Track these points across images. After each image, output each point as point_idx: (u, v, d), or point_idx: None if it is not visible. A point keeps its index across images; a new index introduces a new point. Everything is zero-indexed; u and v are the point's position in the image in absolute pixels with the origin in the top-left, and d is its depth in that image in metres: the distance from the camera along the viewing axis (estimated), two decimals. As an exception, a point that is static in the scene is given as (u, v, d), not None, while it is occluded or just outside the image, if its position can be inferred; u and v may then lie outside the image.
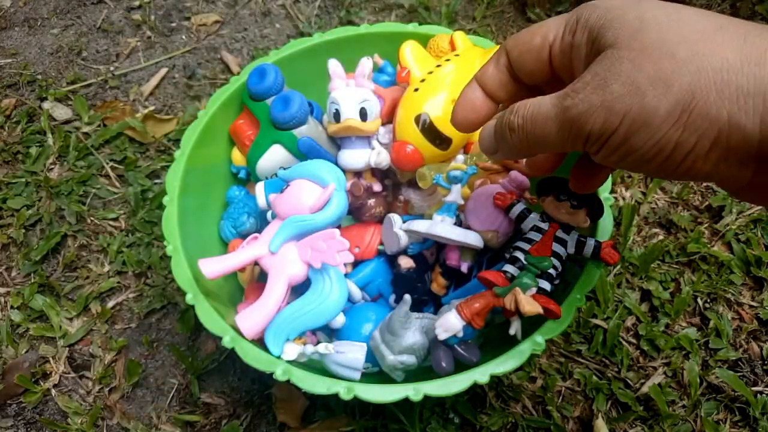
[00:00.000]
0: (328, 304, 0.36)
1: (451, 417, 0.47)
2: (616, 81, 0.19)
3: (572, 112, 0.21)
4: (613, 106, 0.19)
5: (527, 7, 0.76)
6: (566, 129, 0.21)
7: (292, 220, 0.36)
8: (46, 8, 0.82)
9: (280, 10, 0.80)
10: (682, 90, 0.18)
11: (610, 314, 0.52)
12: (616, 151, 0.20)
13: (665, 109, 0.19)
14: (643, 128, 0.19)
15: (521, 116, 0.23)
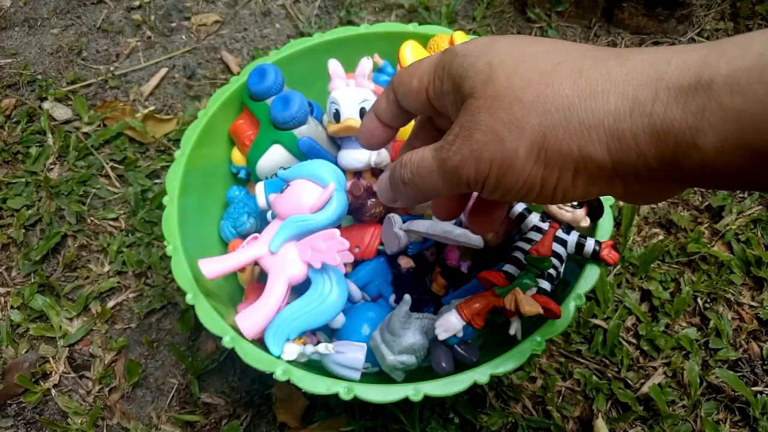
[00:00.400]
0: (328, 304, 0.36)
1: (451, 417, 0.47)
2: (478, 131, 0.21)
3: (448, 164, 0.23)
4: (481, 154, 0.21)
5: (527, 7, 0.76)
6: (448, 178, 0.23)
7: (292, 220, 0.36)
8: (46, 8, 0.82)
9: (280, 10, 0.80)
10: (534, 132, 0.20)
11: (610, 314, 0.52)
12: (495, 191, 0.22)
13: (524, 150, 0.21)
14: (510, 170, 0.21)
15: (409, 170, 0.25)
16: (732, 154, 0.17)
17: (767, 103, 0.16)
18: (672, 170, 0.19)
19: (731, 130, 0.17)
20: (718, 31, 0.73)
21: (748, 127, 0.17)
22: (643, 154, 0.19)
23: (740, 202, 0.58)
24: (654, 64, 0.19)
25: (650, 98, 0.18)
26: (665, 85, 0.18)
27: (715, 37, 0.73)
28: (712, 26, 0.74)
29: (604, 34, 0.74)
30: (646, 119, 0.19)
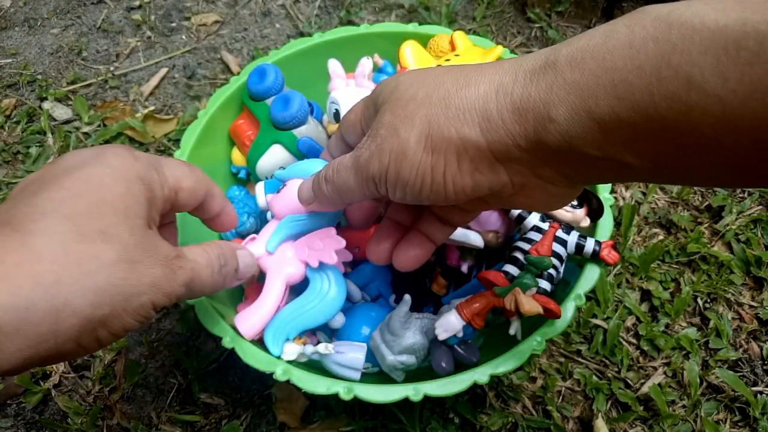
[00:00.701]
0: (326, 302, 0.36)
1: (451, 417, 0.47)
2: (382, 127, 0.24)
3: (360, 161, 0.25)
4: (382, 147, 0.24)
5: (527, 7, 0.76)
6: (360, 176, 0.26)
7: (288, 219, 0.36)
8: (46, 8, 0.82)
9: (280, 10, 0.80)
10: (422, 121, 0.23)
11: (610, 314, 0.52)
12: (396, 187, 0.24)
13: (414, 139, 0.23)
14: (404, 160, 0.23)
15: (331, 169, 0.28)
16: (581, 124, 0.20)
17: (598, 75, 0.19)
18: (539, 149, 0.21)
19: (575, 100, 0.20)
20: (718, 31, 0.73)
21: (587, 95, 0.19)
22: (510, 132, 0.21)
23: (740, 202, 0.58)
24: (518, 59, 0.23)
25: (511, 81, 0.22)
26: (523, 69, 0.22)
27: (715, 37, 0.73)
28: (712, 26, 0.74)
29: (604, 34, 0.74)
30: (508, 98, 0.21)
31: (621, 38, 0.19)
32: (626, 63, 0.18)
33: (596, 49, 0.19)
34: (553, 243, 0.38)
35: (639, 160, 0.20)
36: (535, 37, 0.75)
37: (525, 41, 0.74)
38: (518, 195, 0.25)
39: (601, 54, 0.19)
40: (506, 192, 0.24)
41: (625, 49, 0.18)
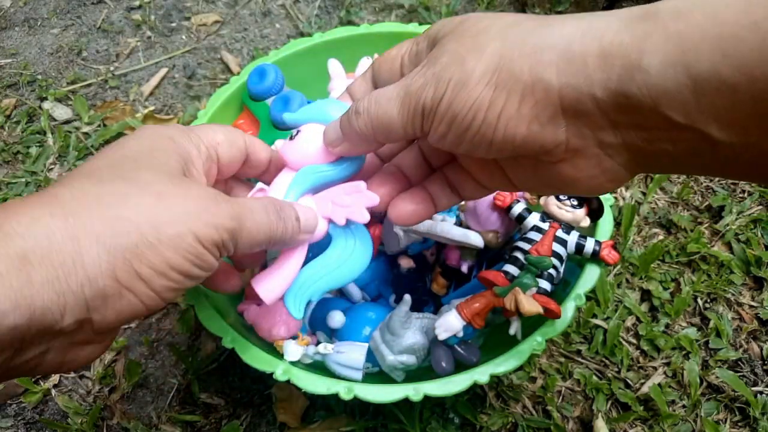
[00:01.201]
0: (353, 260, 0.32)
1: (451, 417, 0.47)
2: (444, 55, 0.22)
3: (411, 88, 0.23)
4: (441, 75, 0.22)
5: (527, 6, 0.76)
6: (406, 105, 0.23)
7: (307, 171, 0.31)
8: (46, 8, 0.82)
9: (280, 10, 0.80)
10: (493, 53, 0.21)
11: (610, 314, 0.52)
12: (443, 120, 0.22)
13: (480, 70, 0.21)
14: (463, 90, 0.21)
15: (367, 100, 0.25)
16: (675, 79, 0.18)
17: (705, 28, 0.17)
18: (616, 104, 0.20)
19: (673, 50, 0.18)
20: (718, 31, 0.73)
21: (688, 48, 0.18)
22: (590, 78, 0.20)
23: (740, 202, 0.58)
24: (611, 11, 0.21)
25: (603, 25, 0.20)
26: (617, 16, 0.20)
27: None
28: (712, 26, 0.74)
29: (604, 34, 0.74)
30: (596, 41, 0.20)
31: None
32: (740, 18, 0.17)
33: (706, 2, 0.18)
34: (553, 243, 0.38)
35: (727, 135, 0.18)
36: (535, 37, 0.75)
37: (525, 41, 0.74)
38: (565, 163, 0.22)
39: (711, 6, 0.17)
40: (555, 155, 0.22)
41: (741, 3, 0.17)
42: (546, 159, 0.23)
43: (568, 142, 0.21)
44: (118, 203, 0.22)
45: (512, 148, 0.22)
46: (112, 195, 0.22)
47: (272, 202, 0.27)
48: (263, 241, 0.26)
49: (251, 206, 0.25)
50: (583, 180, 0.23)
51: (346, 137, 0.27)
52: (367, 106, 0.25)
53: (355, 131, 0.26)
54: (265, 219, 0.25)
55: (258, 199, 0.26)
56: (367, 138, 0.26)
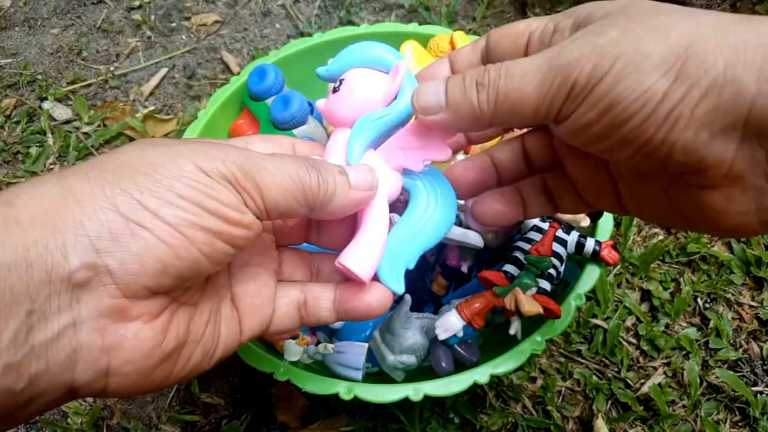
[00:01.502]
0: (440, 214, 0.27)
1: (451, 417, 0.47)
2: (611, 29, 0.18)
3: (560, 59, 0.19)
4: (607, 50, 0.18)
5: (527, 7, 0.76)
6: (549, 81, 0.19)
7: (366, 120, 0.26)
8: (46, 8, 0.82)
9: (280, 10, 0.80)
10: (680, 37, 0.18)
11: (610, 314, 0.52)
12: (597, 104, 0.18)
13: (660, 54, 0.17)
14: (634, 73, 0.18)
15: (494, 71, 0.20)
16: None
17: None
18: None
19: None
20: (718, 31, 0.73)
21: None
22: None
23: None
24: None
25: None
26: None
27: (715, 37, 0.73)
28: (712, 26, 0.74)
29: (604, 34, 0.74)
30: None
31: None
32: None
33: None
34: (553, 243, 0.38)
35: None
36: (535, 37, 0.75)
37: (525, 41, 0.74)
38: (716, 191, 0.19)
39: None
40: (709, 178, 0.18)
41: None
42: (694, 181, 0.19)
43: (732, 163, 0.18)
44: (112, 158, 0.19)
45: (663, 158, 0.18)
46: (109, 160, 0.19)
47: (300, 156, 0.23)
48: (298, 196, 0.21)
49: (271, 155, 0.22)
50: (732, 215, 0.19)
51: (451, 107, 0.21)
52: (494, 79, 0.20)
53: (469, 104, 0.21)
54: (292, 167, 0.21)
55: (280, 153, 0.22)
56: (481, 116, 0.21)
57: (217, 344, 0.23)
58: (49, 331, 0.17)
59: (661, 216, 0.22)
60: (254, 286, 0.24)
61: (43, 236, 0.17)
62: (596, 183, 0.24)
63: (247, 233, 0.20)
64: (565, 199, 0.26)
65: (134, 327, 0.19)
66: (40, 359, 0.17)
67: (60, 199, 0.17)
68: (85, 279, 0.17)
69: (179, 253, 0.18)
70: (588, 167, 0.24)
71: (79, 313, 0.17)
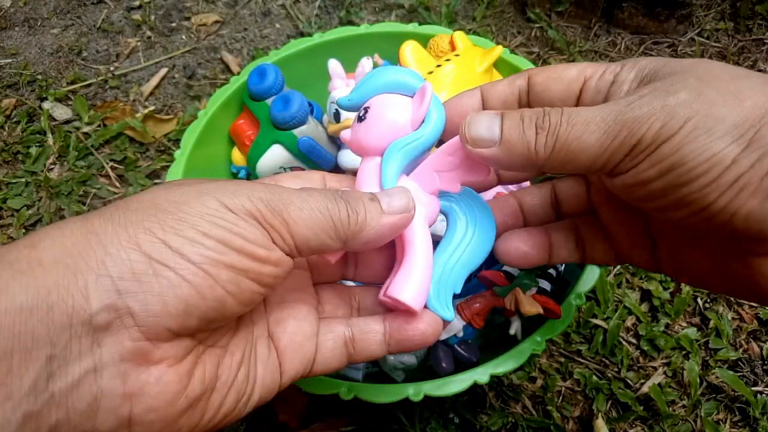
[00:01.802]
0: (481, 235, 0.27)
1: (451, 417, 0.47)
2: (684, 89, 0.18)
3: (627, 114, 0.18)
4: (678, 111, 0.18)
5: (527, 7, 0.76)
6: (612, 134, 0.19)
7: (397, 146, 0.26)
8: (46, 8, 0.82)
9: (280, 10, 0.80)
10: (755, 106, 0.18)
11: (610, 314, 0.52)
12: (660, 163, 0.18)
13: (733, 120, 0.17)
14: (703, 136, 0.17)
15: (555, 117, 0.20)
16: None
17: None
18: None
19: None
20: (718, 31, 0.73)
21: None
22: None
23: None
24: None
25: None
26: None
27: (715, 37, 0.73)
28: (712, 26, 0.74)
29: (604, 34, 0.74)
30: None
31: None
32: None
33: None
34: (553, 243, 0.38)
35: None
36: (535, 37, 0.75)
37: (525, 41, 0.74)
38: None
39: None
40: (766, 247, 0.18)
41: None
42: (749, 248, 0.19)
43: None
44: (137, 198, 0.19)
45: (722, 223, 0.18)
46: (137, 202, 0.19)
47: (329, 189, 0.23)
48: (328, 230, 0.21)
49: (299, 190, 0.21)
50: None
51: (505, 144, 0.21)
52: (555, 124, 0.20)
53: (525, 145, 0.20)
54: (320, 200, 0.21)
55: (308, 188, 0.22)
56: (535, 159, 0.20)
57: (254, 388, 0.21)
58: (70, 377, 0.16)
59: (702, 279, 0.22)
60: (294, 322, 0.23)
61: (64, 278, 0.16)
62: (633, 236, 0.24)
63: (275, 270, 0.20)
64: (595, 249, 0.25)
65: (157, 371, 0.18)
66: (60, 408, 0.16)
67: (83, 240, 0.17)
68: (107, 322, 0.17)
69: (203, 293, 0.18)
70: (625, 220, 0.24)
71: (101, 357, 0.17)
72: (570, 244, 0.25)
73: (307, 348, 0.23)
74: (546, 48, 0.73)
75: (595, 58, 0.72)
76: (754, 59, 0.70)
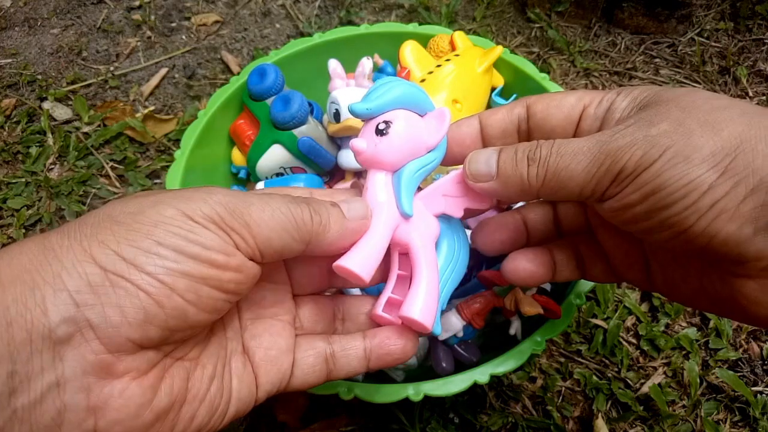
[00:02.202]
0: (461, 257, 0.28)
1: (451, 417, 0.47)
2: (665, 120, 0.20)
3: (611, 145, 0.20)
4: (658, 140, 0.19)
5: (527, 7, 0.76)
6: (598, 163, 0.20)
7: (416, 167, 0.26)
8: (46, 8, 0.82)
9: (280, 10, 0.80)
10: (731, 136, 0.18)
11: (610, 314, 0.52)
12: (642, 188, 0.19)
13: (710, 149, 0.18)
14: (682, 164, 0.18)
15: (546, 149, 0.21)
16: None
17: None
18: None
19: None
20: (718, 31, 0.73)
21: None
22: None
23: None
24: None
25: None
26: None
27: (715, 37, 0.73)
28: (712, 26, 0.74)
29: (604, 34, 0.74)
30: None
31: None
32: None
33: None
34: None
35: None
36: (535, 37, 0.75)
37: (525, 41, 0.74)
38: (752, 281, 0.19)
39: None
40: (747, 268, 0.19)
41: None
42: (730, 269, 0.20)
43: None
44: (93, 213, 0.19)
45: (702, 246, 0.19)
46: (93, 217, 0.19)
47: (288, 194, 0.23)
48: (291, 230, 0.21)
49: (259, 193, 0.22)
50: (765, 306, 0.19)
51: (501, 178, 0.23)
52: (545, 156, 0.21)
53: (519, 177, 0.22)
54: (281, 202, 0.21)
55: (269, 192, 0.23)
56: (529, 189, 0.22)
57: (229, 401, 0.22)
58: (32, 393, 0.16)
59: (691, 298, 0.23)
60: (269, 337, 0.24)
61: (22, 294, 0.16)
62: (628, 256, 0.25)
63: (237, 276, 0.20)
64: (593, 267, 0.26)
65: (120, 384, 0.18)
66: (23, 424, 0.16)
67: (40, 256, 0.17)
68: (67, 335, 0.17)
69: (161, 302, 0.18)
70: (622, 240, 0.25)
71: (63, 372, 0.17)
72: (572, 263, 0.27)
73: (282, 362, 0.24)
74: (546, 48, 0.73)
75: (595, 58, 0.72)
76: (754, 59, 0.70)
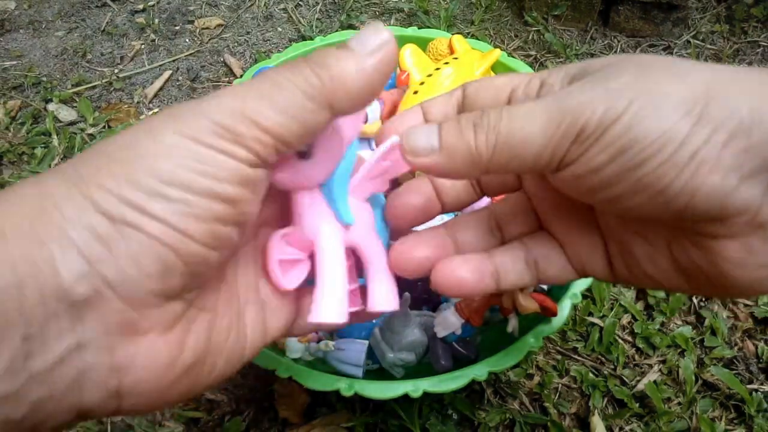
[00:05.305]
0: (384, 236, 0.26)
1: (450, 413, 0.48)
2: (624, 73, 0.17)
3: (568, 102, 0.17)
4: (621, 92, 0.17)
5: (524, 10, 0.77)
6: (555, 123, 0.17)
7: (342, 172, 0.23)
8: (51, 11, 0.83)
9: (282, 14, 0.81)
10: (698, 82, 0.17)
11: (606, 312, 0.52)
12: (609, 147, 0.17)
13: (679, 96, 0.16)
14: (652, 115, 0.16)
15: (494, 113, 0.18)
16: None
17: None
18: None
19: None
20: (713, 34, 0.74)
21: None
22: None
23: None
24: None
25: None
26: None
27: (710, 40, 0.74)
28: (707, 29, 0.75)
29: (600, 37, 0.75)
30: None
31: None
32: None
33: None
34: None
35: None
36: (533, 40, 0.76)
37: (522, 44, 0.75)
38: (734, 241, 0.17)
39: None
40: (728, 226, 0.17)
41: None
42: (709, 231, 0.17)
43: (759, 209, 0.16)
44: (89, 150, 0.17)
45: (681, 206, 0.17)
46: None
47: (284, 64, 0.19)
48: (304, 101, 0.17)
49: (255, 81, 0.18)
50: (750, 268, 0.17)
51: (445, 149, 0.19)
52: (495, 121, 0.18)
53: (465, 146, 0.19)
54: (281, 77, 0.18)
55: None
56: (478, 159, 0.19)
57: (244, 349, 0.20)
58: (50, 355, 0.15)
59: (658, 277, 0.20)
60: None
61: (30, 249, 0.15)
62: (586, 243, 0.22)
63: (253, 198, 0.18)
64: (550, 265, 0.23)
65: (146, 342, 0.17)
66: (42, 385, 0.15)
67: (39, 203, 0.15)
68: (84, 295, 0.15)
69: (177, 249, 0.16)
70: (578, 226, 0.22)
71: (84, 333, 0.15)
72: (518, 265, 0.23)
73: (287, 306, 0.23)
74: (543, 51, 0.74)
75: (593, 60, 0.73)
76: (749, 61, 0.71)
